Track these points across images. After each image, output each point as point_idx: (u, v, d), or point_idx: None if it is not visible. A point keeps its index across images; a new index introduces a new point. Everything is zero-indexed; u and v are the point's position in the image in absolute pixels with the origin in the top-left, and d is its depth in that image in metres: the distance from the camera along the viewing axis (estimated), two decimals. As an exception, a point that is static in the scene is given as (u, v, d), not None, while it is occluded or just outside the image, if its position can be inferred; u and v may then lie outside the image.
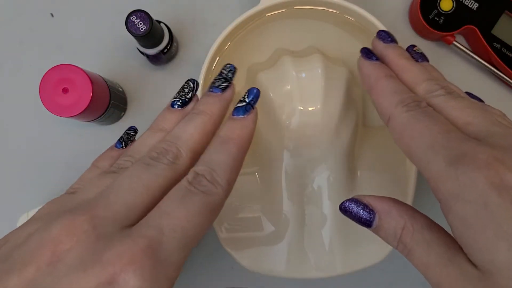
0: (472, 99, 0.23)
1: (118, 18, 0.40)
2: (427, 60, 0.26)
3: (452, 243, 0.19)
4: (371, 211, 0.22)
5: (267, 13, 0.36)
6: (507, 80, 0.38)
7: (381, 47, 0.27)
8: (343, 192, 0.34)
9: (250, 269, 0.34)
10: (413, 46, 0.27)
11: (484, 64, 0.38)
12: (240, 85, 0.36)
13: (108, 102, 0.35)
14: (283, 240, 0.34)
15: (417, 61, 0.26)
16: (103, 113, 0.35)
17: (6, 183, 0.40)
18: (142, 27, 0.32)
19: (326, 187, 0.33)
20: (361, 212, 0.22)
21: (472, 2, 0.37)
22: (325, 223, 0.34)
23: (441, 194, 0.18)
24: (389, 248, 0.34)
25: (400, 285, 0.40)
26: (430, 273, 0.19)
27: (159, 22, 0.36)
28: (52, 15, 0.40)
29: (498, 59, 0.37)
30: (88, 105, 0.32)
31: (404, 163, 0.34)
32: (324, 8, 0.36)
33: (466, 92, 0.25)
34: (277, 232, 0.34)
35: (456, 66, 0.40)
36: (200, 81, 0.35)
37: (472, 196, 0.17)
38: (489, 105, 0.23)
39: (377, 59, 0.26)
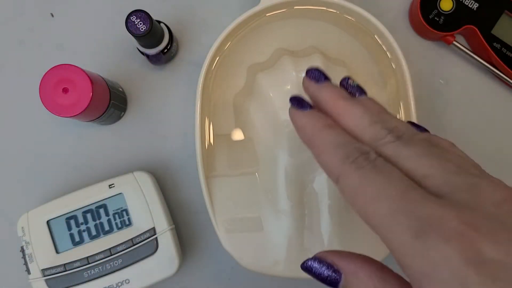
0: (422, 138, 0.20)
1: (118, 18, 0.40)
2: (365, 93, 0.23)
3: None
4: (336, 271, 0.20)
5: (267, 13, 0.36)
6: (507, 80, 0.38)
7: (314, 89, 0.23)
8: (343, 192, 0.34)
9: (250, 269, 0.34)
10: (348, 78, 0.24)
11: (484, 64, 0.38)
12: (240, 85, 0.36)
13: (108, 102, 0.35)
14: (283, 240, 0.34)
15: (354, 95, 0.23)
16: (103, 113, 0.35)
17: (6, 183, 0.40)
18: (142, 27, 0.32)
19: (326, 187, 0.34)
20: (325, 272, 0.20)
21: (472, 2, 0.37)
22: (325, 223, 0.34)
23: (410, 271, 0.16)
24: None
25: (400, 285, 0.40)
26: None
27: (159, 22, 0.36)
28: (52, 15, 0.40)
29: (498, 59, 0.37)
30: (88, 105, 0.32)
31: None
32: (324, 8, 0.36)
33: (409, 122, 0.22)
34: (277, 232, 0.34)
35: (456, 66, 0.40)
36: (200, 81, 0.35)
37: (446, 276, 0.15)
38: (435, 137, 0.21)
39: (310, 106, 0.23)
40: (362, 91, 0.23)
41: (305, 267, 0.21)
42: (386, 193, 0.17)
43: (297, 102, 0.23)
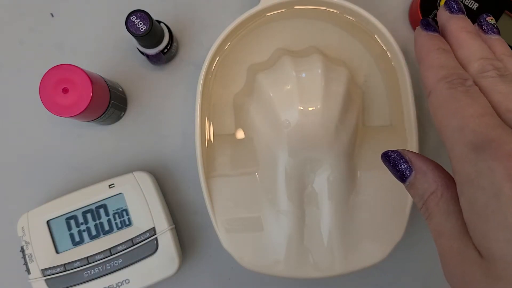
0: None
1: (118, 18, 0.40)
2: (498, 33, 0.25)
3: None
4: (409, 167, 0.22)
5: (267, 13, 0.36)
6: (507, 80, 0.38)
7: (445, 18, 0.25)
8: (343, 192, 0.34)
9: (250, 269, 0.34)
10: (487, 15, 0.25)
11: (484, 64, 0.38)
12: (240, 85, 0.36)
13: (108, 102, 0.35)
14: (283, 240, 0.34)
15: (486, 33, 0.24)
16: (103, 113, 0.35)
17: (6, 183, 0.40)
18: (142, 27, 0.32)
19: (326, 187, 0.34)
20: (400, 165, 0.22)
21: (472, 2, 0.37)
22: (325, 223, 0.34)
23: (458, 176, 0.19)
24: (389, 248, 0.34)
25: (400, 285, 0.40)
26: (438, 242, 0.20)
27: (159, 22, 0.36)
28: (52, 15, 0.40)
29: (498, 59, 0.37)
30: (88, 105, 0.32)
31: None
32: (324, 8, 0.36)
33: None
34: (277, 232, 0.34)
35: (456, 66, 0.40)
36: (200, 81, 0.35)
37: (486, 184, 0.17)
38: None
39: (436, 30, 0.25)
40: (495, 30, 0.25)
41: (385, 155, 0.23)
42: (464, 111, 0.19)
43: (425, 23, 0.25)
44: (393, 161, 0.23)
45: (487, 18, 0.25)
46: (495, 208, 0.17)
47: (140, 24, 0.32)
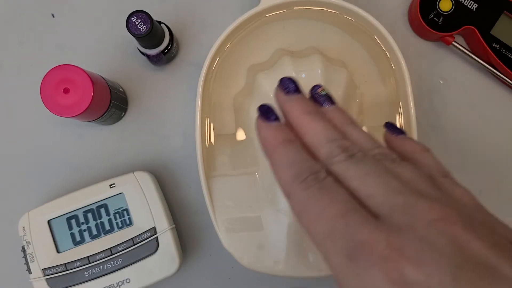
0: (378, 153, 0.21)
1: (118, 18, 0.40)
2: (333, 103, 0.24)
3: None
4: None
5: (267, 13, 0.36)
6: (506, 80, 0.38)
7: (282, 101, 0.23)
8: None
9: (250, 268, 0.34)
10: (318, 86, 0.24)
11: (483, 65, 0.38)
12: (240, 85, 0.36)
13: (109, 102, 0.35)
14: (283, 240, 0.34)
15: (322, 105, 0.23)
16: (104, 113, 0.36)
17: (6, 183, 0.40)
18: (143, 28, 0.32)
19: (326, 187, 0.34)
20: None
21: (471, 3, 0.37)
22: (325, 223, 0.34)
23: None
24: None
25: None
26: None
27: (159, 22, 0.36)
28: (53, 15, 0.40)
29: (497, 59, 0.37)
30: (89, 105, 0.32)
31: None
32: (324, 9, 0.36)
33: (387, 123, 0.23)
34: (277, 232, 0.34)
35: (455, 67, 0.40)
36: (201, 81, 0.35)
37: None
38: (408, 142, 0.22)
39: (276, 118, 0.23)
40: (329, 100, 0.24)
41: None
42: (327, 214, 0.18)
43: (263, 112, 0.23)
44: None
45: (318, 90, 0.24)
46: None
47: (141, 24, 0.32)
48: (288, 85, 0.23)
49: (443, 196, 0.19)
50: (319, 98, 0.24)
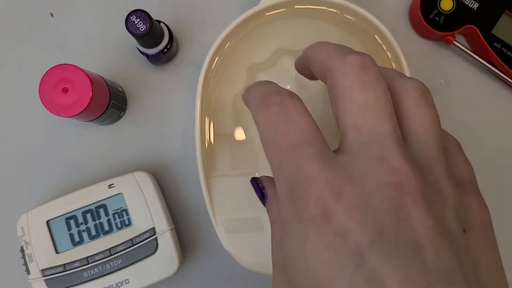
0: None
1: (118, 18, 0.40)
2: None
3: None
4: (264, 195, 0.22)
5: (267, 12, 0.36)
6: (507, 80, 0.38)
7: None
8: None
9: (250, 269, 0.34)
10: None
11: (484, 64, 0.38)
12: (240, 85, 0.36)
13: (108, 102, 0.35)
14: (283, 240, 0.34)
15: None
16: (103, 113, 0.35)
17: (5, 183, 0.40)
18: (142, 27, 0.32)
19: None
20: (258, 192, 0.22)
21: (472, 2, 0.37)
22: (325, 223, 0.34)
23: (278, 215, 0.17)
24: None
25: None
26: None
27: (159, 22, 0.36)
28: (52, 15, 0.40)
29: (498, 59, 0.37)
30: (88, 105, 0.32)
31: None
32: (325, 8, 0.36)
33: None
34: (277, 232, 0.34)
35: (456, 66, 0.40)
36: (200, 81, 0.35)
37: (295, 230, 0.15)
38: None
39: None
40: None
41: (251, 181, 0.22)
42: (281, 143, 0.17)
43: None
44: (254, 188, 0.22)
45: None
46: (300, 257, 0.15)
47: (140, 24, 0.32)
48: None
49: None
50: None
